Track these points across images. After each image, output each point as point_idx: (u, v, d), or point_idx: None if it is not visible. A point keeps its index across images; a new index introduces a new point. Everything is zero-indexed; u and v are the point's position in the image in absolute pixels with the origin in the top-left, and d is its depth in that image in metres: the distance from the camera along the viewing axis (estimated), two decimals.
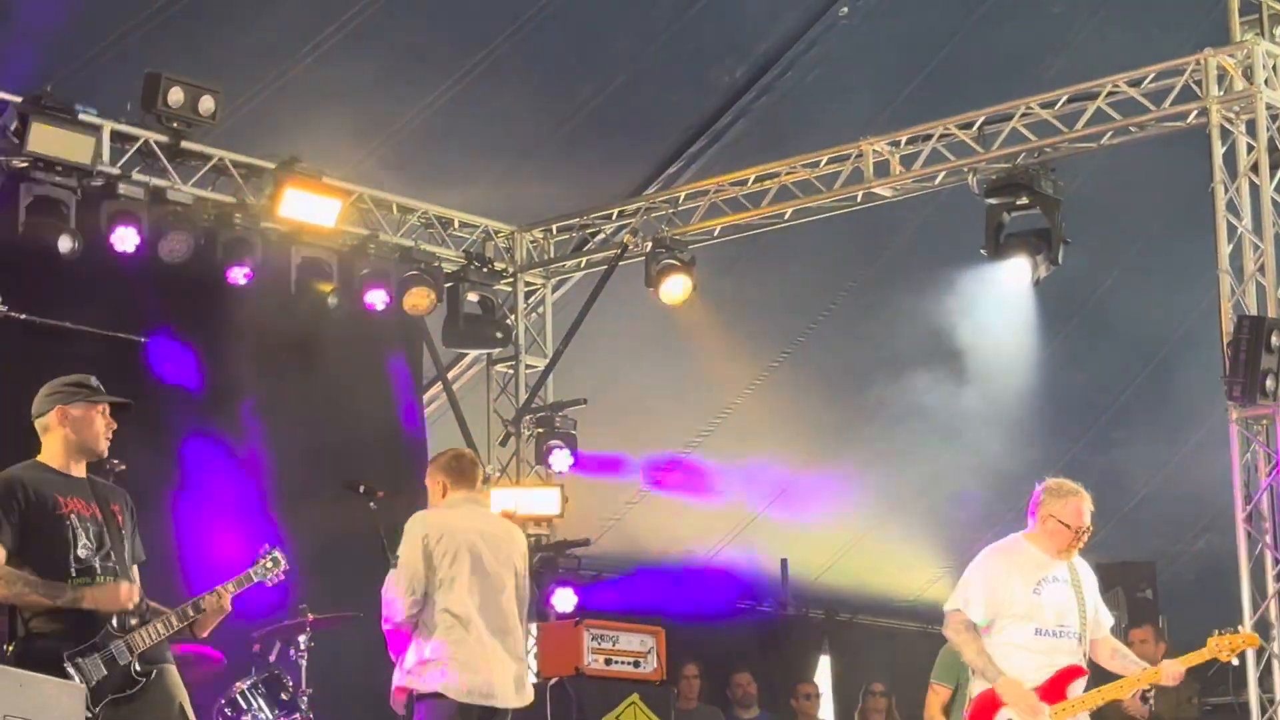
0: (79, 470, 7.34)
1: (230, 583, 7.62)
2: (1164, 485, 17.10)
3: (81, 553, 7.13)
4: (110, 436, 7.40)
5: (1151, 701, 12.82)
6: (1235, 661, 9.59)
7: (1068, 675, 8.83)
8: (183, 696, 7.33)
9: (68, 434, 7.31)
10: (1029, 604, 8.72)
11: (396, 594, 8.96)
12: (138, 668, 7.15)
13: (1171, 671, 9.02)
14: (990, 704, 8.62)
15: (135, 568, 7.47)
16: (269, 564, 7.82)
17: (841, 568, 17.94)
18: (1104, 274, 15.71)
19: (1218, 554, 11.96)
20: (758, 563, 17.29)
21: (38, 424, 7.37)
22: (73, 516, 7.16)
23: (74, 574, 7.09)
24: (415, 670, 8.92)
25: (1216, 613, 12.53)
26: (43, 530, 7.09)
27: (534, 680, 13.59)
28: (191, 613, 7.42)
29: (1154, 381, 16.58)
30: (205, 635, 7.76)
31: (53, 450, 7.33)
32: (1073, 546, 8.92)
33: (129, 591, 7.13)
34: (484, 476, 9.62)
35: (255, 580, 7.78)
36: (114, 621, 7.14)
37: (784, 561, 17.39)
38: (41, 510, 7.11)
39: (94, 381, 7.44)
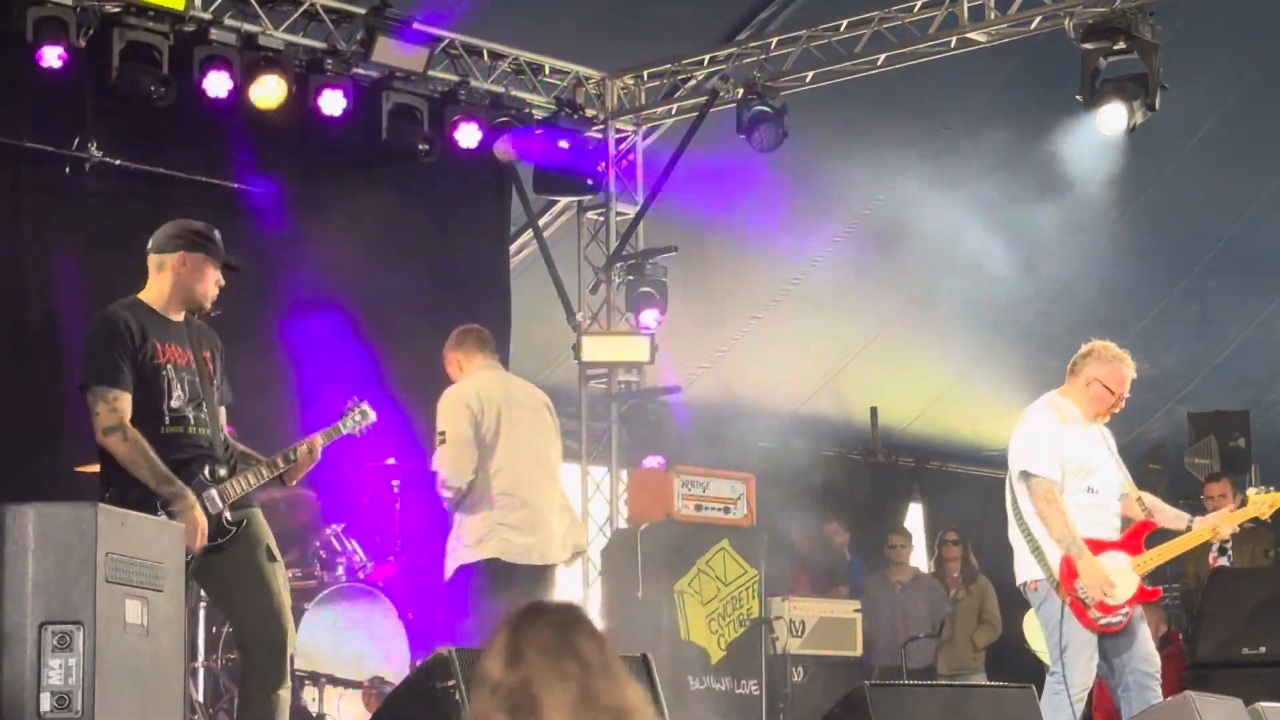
0: (178, 316, 7.36)
1: (319, 434, 7.70)
2: (1258, 334, 16.98)
3: (175, 403, 7.18)
4: (216, 294, 7.43)
5: (1230, 554, 12.84)
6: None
7: (1143, 529, 8.88)
8: (269, 538, 7.42)
9: (180, 280, 7.31)
10: (1083, 463, 8.81)
11: (451, 470, 9.16)
12: (229, 517, 7.23)
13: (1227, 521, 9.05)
14: (1074, 569, 8.65)
15: (224, 410, 7.54)
16: (357, 416, 7.92)
17: (931, 416, 17.95)
18: (1202, 120, 15.49)
19: None
20: (848, 411, 17.32)
21: (153, 260, 7.36)
22: (169, 366, 7.19)
23: (167, 422, 7.15)
24: (470, 542, 9.16)
25: None
26: (141, 376, 7.13)
27: (625, 525, 13.77)
28: (282, 464, 7.50)
29: (1248, 230, 16.41)
30: (294, 484, 7.85)
31: (159, 290, 7.33)
32: (1110, 411, 8.93)
33: (199, 544, 7.08)
34: (494, 345, 9.78)
35: (344, 432, 7.89)
36: (206, 471, 7.22)
37: (874, 410, 17.40)
38: (143, 355, 7.14)
39: (217, 236, 7.43)
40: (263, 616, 7.25)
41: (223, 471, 7.27)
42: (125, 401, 7.04)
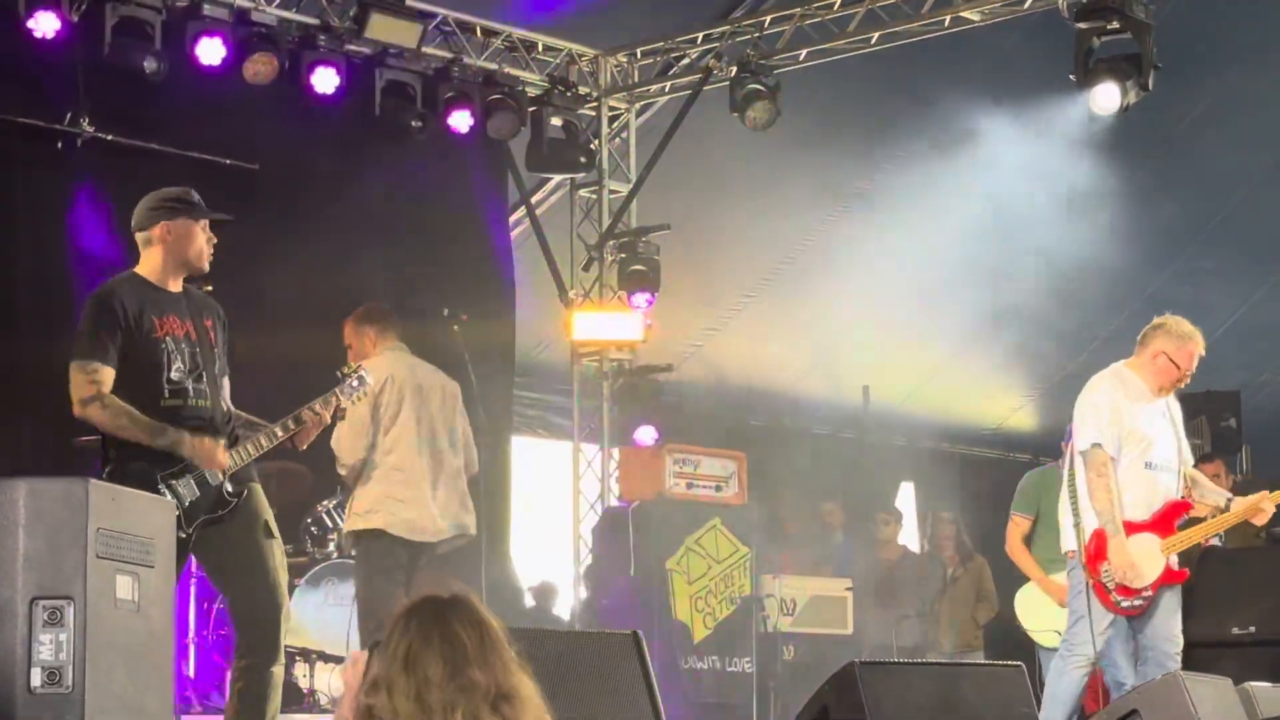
0: (176, 285, 7.34)
1: (317, 401, 7.69)
2: (1249, 316, 16.99)
3: (174, 375, 7.16)
4: (211, 252, 7.43)
5: (1222, 535, 12.87)
6: None
7: (1176, 510, 8.89)
8: (268, 514, 7.41)
9: (168, 249, 7.29)
10: (1143, 436, 8.83)
11: (347, 447, 9.59)
12: (229, 488, 7.22)
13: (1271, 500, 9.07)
14: (1103, 548, 8.68)
15: (226, 380, 7.53)
16: (354, 383, 7.87)
17: (924, 396, 17.96)
18: (1195, 101, 15.49)
19: None
20: (840, 390, 17.32)
21: (139, 237, 7.35)
22: (168, 339, 7.17)
23: (166, 395, 7.14)
24: (360, 511, 9.60)
25: None
26: (138, 351, 7.12)
27: (616, 503, 13.77)
28: (281, 432, 7.46)
29: (1241, 211, 16.42)
30: (305, 448, 7.84)
31: (152, 264, 7.31)
32: (1175, 386, 8.92)
33: (224, 458, 7.17)
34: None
35: (340, 400, 7.84)
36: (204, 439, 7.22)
37: (866, 389, 17.41)
38: (139, 330, 7.13)
39: (195, 196, 7.40)
40: (258, 593, 7.25)
41: (223, 443, 7.26)
42: (105, 375, 7.04)
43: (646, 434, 14.00)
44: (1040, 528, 10.98)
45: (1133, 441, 8.79)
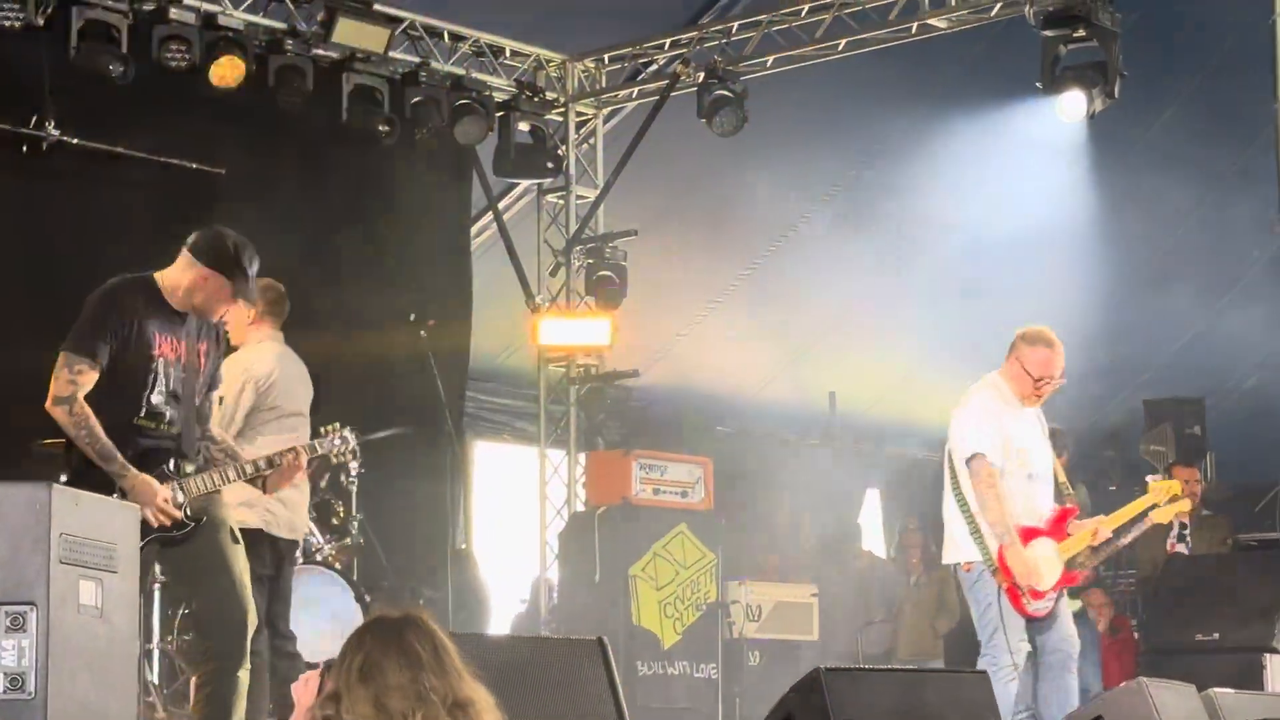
0: (184, 308, 7.23)
1: (302, 446, 7.69)
2: (1215, 323, 17.04)
3: (155, 397, 7.09)
4: (223, 321, 7.40)
5: (1189, 541, 12.92)
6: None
7: (1067, 514, 9.01)
8: (232, 520, 7.39)
9: (197, 288, 7.17)
10: (1020, 446, 8.86)
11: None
12: (189, 511, 7.18)
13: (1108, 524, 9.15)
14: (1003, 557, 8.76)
15: (212, 396, 7.49)
16: (337, 441, 7.84)
17: (890, 402, 17.97)
18: (1161, 109, 15.54)
19: (1268, 392, 11.93)
20: (807, 396, 17.33)
21: (185, 255, 7.18)
22: (160, 361, 7.10)
23: (143, 414, 7.07)
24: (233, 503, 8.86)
25: (1265, 450, 12.58)
26: (128, 363, 7.05)
27: (582, 509, 13.77)
28: (250, 470, 7.40)
29: (1208, 219, 16.46)
30: (271, 494, 7.81)
31: (176, 282, 7.18)
32: (1032, 395, 8.96)
33: (161, 503, 7.02)
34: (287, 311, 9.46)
35: (319, 453, 7.82)
36: (171, 464, 7.16)
37: (832, 395, 17.42)
38: (135, 344, 7.06)
39: (252, 269, 7.24)
40: (223, 597, 7.23)
41: (188, 467, 7.21)
42: (87, 378, 6.97)
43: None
44: None
45: (1013, 451, 8.82)
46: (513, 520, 15.38)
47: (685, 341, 16.34)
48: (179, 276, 7.20)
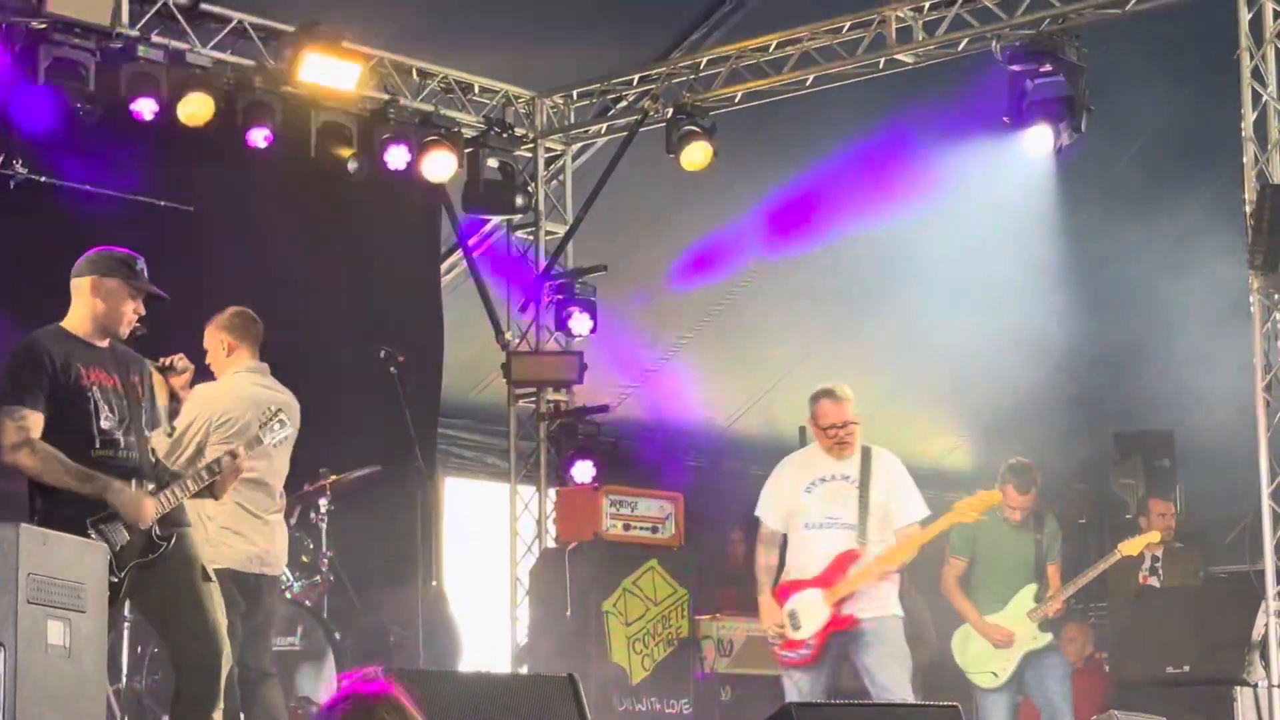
0: (101, 341, 7.34)
1: (240, 443, 7.70)
2: (1184, 355, 17.08)
3: (104, 424, 7.15)
4: (134, 324, 7.38)
5: (1160, 574, 12.95)
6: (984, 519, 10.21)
7: (845, 559, 9.39)
8: (202, 558, 7.40)
9: (95, 304, 7.29)
10: (798, 503, 9.53)
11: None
12: (159, 532, 7.19)
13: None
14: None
15: (156, 433, 7.51)
16: (275, 426, 7.88)
17: (860, 436, 17.96)
18: (1129, 142, 15.60)
19: (1237, 425, 11.94)
20: (777, 430, 17.32)
21: (73, 284, 7.35)
22: (95, 388, 7.17)
23: (98, 445, 7.11)
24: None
25: (1234, 483, 12.58)
26: (67, 399, 7.11)
27: (553, 545, 13.74)
28: (206, 475, 7.48)
29: (1176, 251, 16.51)
30: (224, 497, 7.82)
31: (79, 316, 7.32)
32: (834, 446, 9.59)
33: (150, 508, 7.11)
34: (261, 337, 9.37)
35: (264, 442, 7.86)
36: (133, 485, 7.17)
37: (802, 429, 17.40)
38: (66, 379, 7.12)
39: (140, 265, 7.39)
40: (196, 637, 7.22)
41: (150, 487, 7.23)
42: (33, 420, 7.01)
43: (584, 471, 13.95)
44: (977, 569, 11.03)
45: (790, 511, 9.57)
46: (483, 556, 15.35)
47: (656, 377, 16.34)
48: (79, 306, 7.32)
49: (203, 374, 9.07)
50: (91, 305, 7.30)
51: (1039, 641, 10.79)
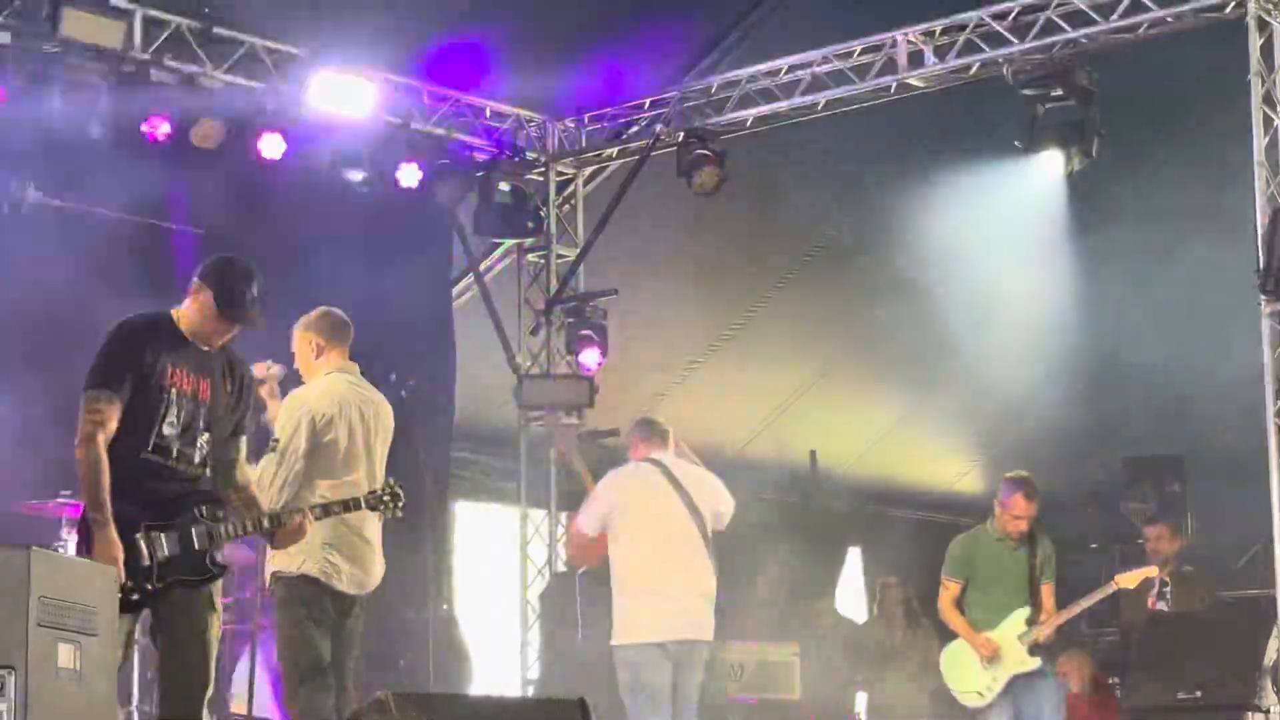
0: (202, 343, 7.27)
1: (336, 502, 7.88)
2: (1195, 380, 17.06)
3: (166, 429, 7.06)
4: (224, 343, 7.32)
5: (1169, 598, 12.92)
6: None
7: None
8: (217, 587, 7.37)
9: (193, 310, 7.22)
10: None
11: (275, 482, 8.53)
12: (216, 557, 7.16)
13: None
14: None
15: (239, 442, 7.43)
16: (387, 499, 7.91)
17: (871, 460, 17.98)
18: (1140, 167, 15.58)
19: (1248, 450, 11.92)
20: (788, 454, 17.33)
21: (195, 280, 7.27)
22: (172, 391, 7.09)
23: (150, 448, 7.03)
24: (291, 551, 8.29)
25: (1245, 507, 12.57)
26: (143, 396, 7.04)
27: (563, 569, 13.72)
28: (266, 523, 7.42)
29: (1187, 276, 16.50)
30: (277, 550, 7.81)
31: (187, 312, 7.24)
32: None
33: (117, 561, 6.86)
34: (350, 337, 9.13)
35: (368, 508, 7.96)
36: (203, 509, 7.15)
37: (813, 453, 17.42)
38: (151, 374, 7.05)
39: (252, 290, 7.29)
40: (191, 664, 7.14)
41: (219, 513, 7.20)
42: (110, 412, 6.94)
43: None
44: (972, 591, 11.00)
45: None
46: (494, 580, 15.33)
47: (666, 401, 16.33)
48: (190, 304, 7.25)
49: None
50: (191, 308, 7.24)
51: (1027, 665, 10.77)
